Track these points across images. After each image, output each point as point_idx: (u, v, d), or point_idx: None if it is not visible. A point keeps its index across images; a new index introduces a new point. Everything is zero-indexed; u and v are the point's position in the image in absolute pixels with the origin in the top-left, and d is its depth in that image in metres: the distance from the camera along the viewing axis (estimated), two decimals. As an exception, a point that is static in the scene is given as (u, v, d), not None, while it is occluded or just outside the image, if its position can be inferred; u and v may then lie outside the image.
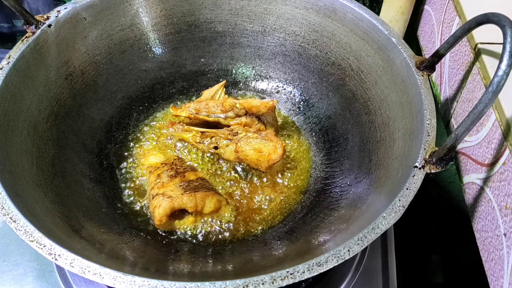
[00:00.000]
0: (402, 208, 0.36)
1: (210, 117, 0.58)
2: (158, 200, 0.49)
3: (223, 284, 0.32)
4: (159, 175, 0.53)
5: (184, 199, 0.48)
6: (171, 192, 0.49)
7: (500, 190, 0.38)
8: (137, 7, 0.59)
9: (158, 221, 0.48)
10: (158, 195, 0.49)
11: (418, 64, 0.46)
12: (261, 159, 0.53)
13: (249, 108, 0.57)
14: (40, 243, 0.34)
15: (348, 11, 0.55)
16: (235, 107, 0.57)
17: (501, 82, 0.33)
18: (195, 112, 0.59)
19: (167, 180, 0.52)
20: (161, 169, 0.54)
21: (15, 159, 0.42)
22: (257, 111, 0.57)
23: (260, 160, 0.54)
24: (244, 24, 0.63)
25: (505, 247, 0.37)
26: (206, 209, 0.50)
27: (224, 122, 0.58)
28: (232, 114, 0.57)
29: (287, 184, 0.56)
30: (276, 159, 0.53)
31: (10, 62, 0.46)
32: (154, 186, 0.52)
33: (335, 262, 0.33)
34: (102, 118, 0.58)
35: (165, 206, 0.48)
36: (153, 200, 0.49)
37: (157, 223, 0.48)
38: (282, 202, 0.54)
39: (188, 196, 0.48)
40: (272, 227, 0.52)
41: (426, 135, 0.41)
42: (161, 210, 0.48)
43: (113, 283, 0.32)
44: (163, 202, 0.48)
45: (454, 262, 0.74)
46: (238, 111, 0.57)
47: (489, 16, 0.38)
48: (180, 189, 0.50)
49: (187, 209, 0.49)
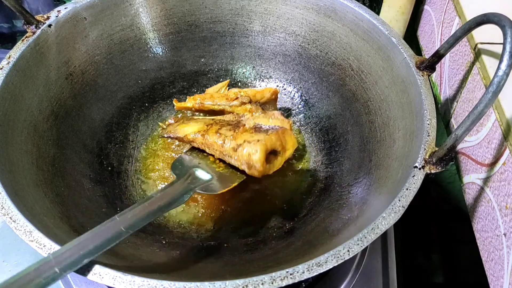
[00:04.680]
0: (402, 208, 0.36)
1: (216, 106, 0.59)
2: (248, 147, 0.44)
3: (223, 284, 0.32)
4: (219, 133, 0.48)
5: (272, 138, 0.45)
6: (254, 137, 0.45)
7: (500, 190, 0.38)
8: (137, 7, 0.59)
9: (261, 166, 0.44)
10: (244, 143, 0.45)
11: (418, 64, 0.46)
12: None
13: (253, 95, 0.57)
14: (40, 243, 0.34)
15: (348, 11, 0.55)
16: (240, 95, 0.57)
17: (501, 82, 0.33)
18: (200, 100, 0.59)
19: (235, 132, 0.47)
20: (214, 128, 0.50)
21: (15, 159, 0.42)
22: (261, 97, 0.58)
23: None
24: (244, 24, 0.63)
25: (505, 247, 0.37)
26: (288, 145, 0.47)
27: (230, 110, 0.58)
28: (237, 103, 0.57)
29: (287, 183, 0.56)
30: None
31: (10, 62, 0.46)
32: (224, 141, 0.47)
33: (334, 262, 0.33)
34: (102, 118, 0.58)
35: (261, 148, 0.43)
36: (241, 151, 0.45)
37: (260, 169, 0.44)
38: (282, 202, 0.54)
39: (274, 135, 0.45)
40: (272, 227, 0.52)
41: (426, 135, 0.41)
42: (260, 154, 0.43)
43: (113, 283, 0.32)
44: (256, 146, 0.44)
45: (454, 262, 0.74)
46: (243, 98, 0.57)
47: (489, 16, 0.38)
48: (258, 133, 0.46)
49: (276, 148, 0.46)
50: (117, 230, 0.36)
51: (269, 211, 0.53)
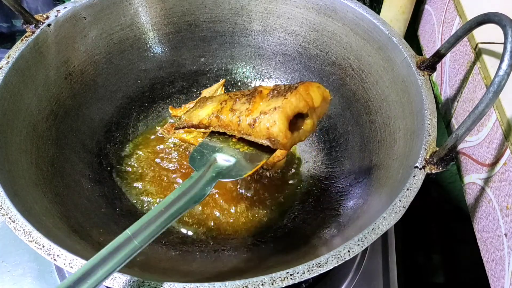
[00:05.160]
0: (402, 208, 0.36)
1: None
2: (265, 119, 0.37)
3: (222, 285, 0.31)
4: (233, 109, 0.41)
5: (292, 100, 0.37)
6: (270, 106, 0.38)
7: (501, 190, 0.38)
8: (136, 7, 0.59)
9: (285, 138, 0.36)
10: (260, 116, 0.38)
11: (419, 64, 0.46)
12: None
13: None
14: (39, 243, 0.34)
15: (348, 10, 0.55)
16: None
17: (502, 82, 0.33)
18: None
19: (250, 105, 0.40)
20: (228, 104, 0.42)
21: (14, 158, 0.42)
22: None
23: None
24: (244, 24, 0.63)
25: (506, 248, 0.37)
26: (316, 101, 0.39)
27: None
28: None
29: (288, 184, 0.56)
30: (281, 157, 0.54)
31: (10, 61, 0.46)
32: (239, 118, 0.40)
33: (335, 263, 0.33)
34: (101, 118, 0.58)
35: (280, 118, 0.36)
36: (258, 125, 0.38)
37: (284, 142, 0.37)
38: (282, 203, 0.54)
39: (294, 96, 0.37)
40: (272, 227, 0.52)
41: (426, 135, 0.41)
42: (280, 125, 0.36)
43: (112, 283, 0.32)
44: (274, 116, 0.36)
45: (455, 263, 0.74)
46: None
47: (490, 16, 0.38)
48: (275, 99, 0.38)
49: (301, 110, 0.38)
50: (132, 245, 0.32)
51: (269, 211, 0.53)
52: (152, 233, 0.33)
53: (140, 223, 0.33)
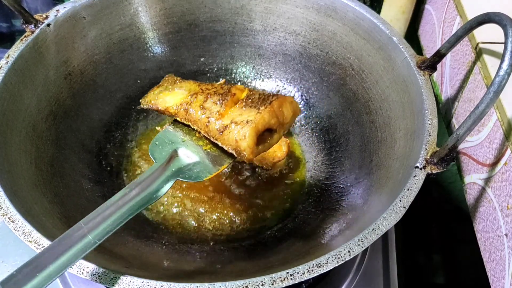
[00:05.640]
0: (403, 208, 0.36)
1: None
2: (235, 131, 0.38)
3: (222, 285, 0.31)
4: (203, 106, 0.41)
5: (265, 116, 0.38)
6: (243, 117, 0.39)
7: (501, 190, 0.38)
8: (136, 6, 0.59)
9: (251, 154, 0.38)
10: (230, 125, 0.39)
11: (419, 63, 0.46)
12: (266, 156, 0.53)
13: None
14: (39, 244, 0.34)
15: (349, 10, 0.55)
16: None
17: (502, 81, 0.33)
18: None
19: (221, 107, 0.40)
20: (198, 99, 0.42)
21: (14, 159, 0.42)
22: None
23: (264, 158, 0.53)
24: (244, 23, 0.63)
25: (507, 248, 0.36)
26: (286, 117, 0.40)
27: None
28: None
29: (288, 184, 0.56)
30: (281, 157, 0.52)
31: (9, 61, 0.46)
32: (208, 120, 0.40)
33: (335, 263, 0.33)
34: (101, 117, 0.58)
35: (250, 133, 0.37)
36: (227, 134, 0.38)
37: (250, 157, 0.38)
38: (283, 203, 0.54)
39: (267, 113, 0.38)
40: (272, 227, 0.52)
41: (427, 135, 0.41)
42: (249, 141, 0.37)
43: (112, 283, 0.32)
44: (245, 130, 0.37)
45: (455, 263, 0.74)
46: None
47: (490, 16, 0.38)
48: (248, 109, 0.39)
49: (271, 126, 0.39)
50: (86, 241, 0.32)
51: (269, 212, 0.53)
52: (107, 228, 0.33)
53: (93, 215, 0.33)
